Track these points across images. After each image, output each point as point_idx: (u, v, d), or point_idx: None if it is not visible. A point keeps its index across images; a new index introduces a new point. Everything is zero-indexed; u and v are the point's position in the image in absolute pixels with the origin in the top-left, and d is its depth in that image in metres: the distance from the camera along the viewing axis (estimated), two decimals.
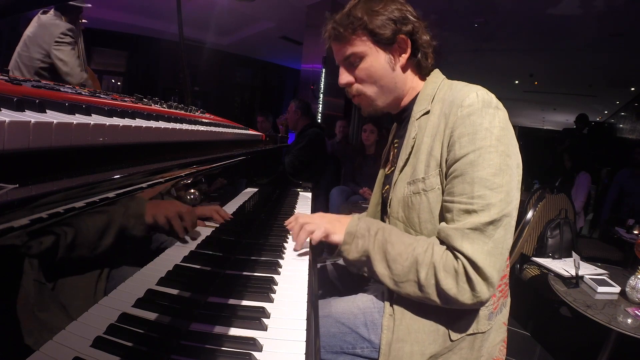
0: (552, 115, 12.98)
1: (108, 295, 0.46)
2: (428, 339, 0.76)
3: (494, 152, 0.70)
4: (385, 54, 0.85)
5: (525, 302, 2.34)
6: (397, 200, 0.85)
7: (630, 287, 1.55)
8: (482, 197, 0.69)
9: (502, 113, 0.75)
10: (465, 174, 0.71)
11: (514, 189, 0.72)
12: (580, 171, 3.62)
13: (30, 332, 0.34)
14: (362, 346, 0.82)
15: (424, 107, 0.84)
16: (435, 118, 0.81)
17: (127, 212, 0.49)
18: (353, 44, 0.85)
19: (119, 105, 0.69)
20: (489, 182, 0.69)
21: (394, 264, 0.74)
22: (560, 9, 4.64)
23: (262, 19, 6.45)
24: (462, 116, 0.73)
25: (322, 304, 0.86)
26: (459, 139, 0.73)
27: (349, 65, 0.88)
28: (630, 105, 8.66)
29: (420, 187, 0.79)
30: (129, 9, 6.21)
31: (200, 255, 0.70)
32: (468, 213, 0.70)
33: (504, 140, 0.72)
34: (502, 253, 0.70)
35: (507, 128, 0.74)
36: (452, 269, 0.69)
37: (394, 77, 0.87)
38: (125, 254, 0.49)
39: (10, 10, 0.59)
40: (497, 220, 0.69)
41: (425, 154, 0.80)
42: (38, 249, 0.34)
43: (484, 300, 0.70)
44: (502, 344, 0.87)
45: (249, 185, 1.14)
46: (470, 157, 0.71)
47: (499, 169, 0.70)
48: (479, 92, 0.75)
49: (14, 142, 0.35)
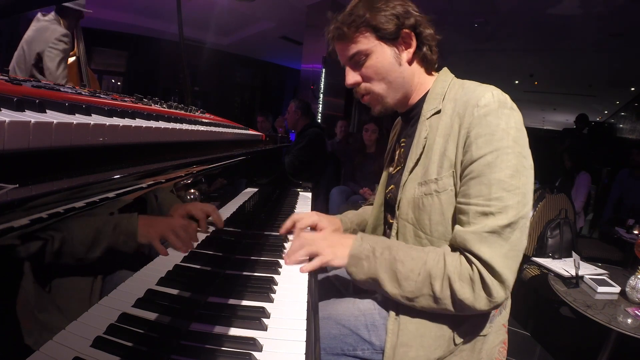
0: (552, 115, 12.99)
1: (108, 295, 0.46)
2: (434, 344, 0.75)
3: (511, 153, 0.69)
4: (390, 49, 0.83)
5: (525, 302, 2.34)
6: (407, 201, 0.83)
7: (630, 287, 1.55)
8: (500, 199, 0.68)
9: (517, 114, 0.74)
10: (482, 176, 0.70)
11: (529, 190, 0.71)
12: (580, 171, 3.62)
13: (30, 332, 0.34)
14: (362, 348, 0.81)
15: (434, 106, 0.83)
16: (447, 118, 0.79)
17: (128, 214, 0.49)
18: (357, 42, 0.83)
19: (119, 105, 0.69)
20: (506, 184, 0.68)
21: (405, 282, 0.72)
22: (560, 9, 4.65)
23: (262, 19, 6.46)
24: (479, 116, 0.72)
25: (323, 306, 0.86)
26: (475, 140, 0.71)
27: (355, 65, 0.86)
28: (630, 105, 8.67)
29: (433, 188, 0.78)
30: (129, 9, 6.22)
31: (200, 255, 0.70)
32: (485, 215, 0.68)
33: (520, 141, 0.71)
34: (518, 255, 0.69)
35: (522, 129, 0.73)
36: (467, 278, 0.68)
37: (402, 72, 0.85)
38: (125, 254, 0.49)
39: (10, 10, 0.59)
40: (514, 222, 0.68)
41: (438, 154, 0.78)
42: (38, 249, 0.34)
43: (500, 304, 0.69)
44: (501, 345, 0.87)
45: (249, 185, 1.14)
46: (488, 159, 0.70)
47: (515, 171, 0.69)
48: (494, 92, 0.74)
49: (14, 142, 0.35)
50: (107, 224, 0.45)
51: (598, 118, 11.48)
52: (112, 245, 0.45)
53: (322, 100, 5.88)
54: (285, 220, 1.02)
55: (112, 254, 0.46)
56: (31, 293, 0.34)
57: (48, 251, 0.36)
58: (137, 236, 0.51)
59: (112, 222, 0.46)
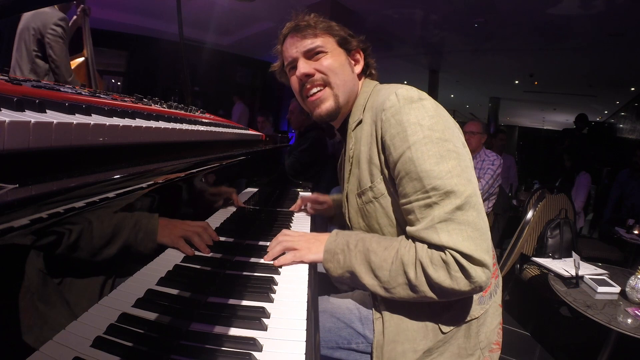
0: (552, 115, 12.98)
1: (108, 295, 0.46)
2: (418, 335, 0.76)
3: (429, 142, 0.70)
4: (345, 57, 0.91)
5: (525, 302, 2.34)
6: (354, 211, 0.87)
7: (630, 287, 1.55)
8: (435, 187, 0.68)
9: (427, 102, 0.75)
10: (410, 172, 0.71)
11: (467, 168, 0.71)
12: (581, 171, 3.62)
13: (30, 333, 0.34)
14: (357, 341, 0.82)
15: (357, 118, 0.87)
16: (367, 126, 0.83)
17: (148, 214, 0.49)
18: (320, 39, 0.88)
19: (119, 105, 0.69)
20: (435, 172, 0.68)
21: (380, 272, 0.73)
22: (560, 9, 4.64)
23: (262, 19, 6.45)
24: (387, 118, 0.74)
25: (319, 300, 0.86)
26: (391, 141, 0.73)
27: (310, 57, 0.89)
28: (630, 105, 8.66)
29: (370, 195, 0.81)
30: (129, 9, 6.21)
31: (200, 256, 0.70)
32: (430, 207, 0.68)
33: (437, 127, 0.72)
34: (483, 233, 0.68)
35: (438, 114, 0.74)
36: (440, 261, 0.67)
37: (352, 78, 0.91)
38: (125, 254, 0.49)
39: (11, 10, 0.59)
40: (463, 204, 0.67)
41: (366, 162, 0.81)
42: (37, 249, 0.34)
43: (484, 284, 0.67)
44: (499, 327, 0.87)
45: (249, 185, 1.14)
46: (408, 155, 0.71)
47: (440, 157, 0.69)
48: (397, 91, 0.76)
49: (14, 142, 0.35)
50: (125, 222, 0.45)
51: (598, 118, 11.48)
52: (128, 243, 0.46)
53: None
54: (285, 220, 1.03)
55: (114, 247, 0.46)
56: (31, 293, 0.34)
57: (47, 251, 0.36)
58: (157, 236, 0.52)
59: (132, 220, 0.46)
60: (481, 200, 0.71)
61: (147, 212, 0.55)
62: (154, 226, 0.56)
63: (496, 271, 0.89)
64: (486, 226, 0.70)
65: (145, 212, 0.54)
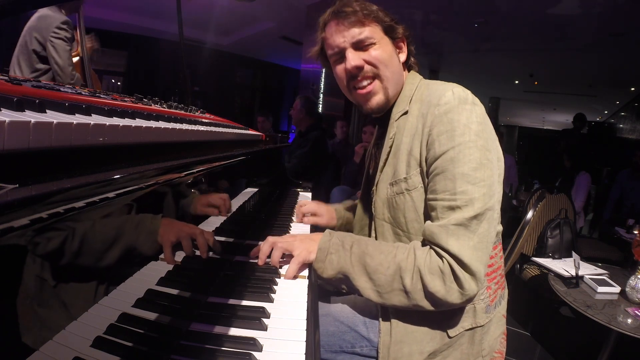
0: (552, 115, 12.97)
1: (108, 295, 0.46)
2: (425, 337, 0.76)
3: (474, 147, 0.71)
4: (392, 46, 0.87)
5: (525, 302, 2.34)
6: (382, 201, 0.85)
7: (630, 287, 1.55)
8: (465, 192, 0.69)
9: (479, 108, 0.75)
10: (446, 171, 0.71)
11: (495, 182, 0.73)
12: (580, 171, 3.62)
13: (30, 333, 0.34)
14: (361, 345, 0.82)
15: (402, 108, 0.85)
16: (413, 118, 0.81)
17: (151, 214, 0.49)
18: (367, 28, 0.83)
19: (119, 105, 0.69)
20: (471, 177, 0.69)
21: (375, 275, 0.73)
22: (560, 9, 4.64)
23: (262, 19, 6.45)
24: (439, 114, 0.74)
25: (321, 304, 0.86)
26: (437, 137, 0.73)
27: (359, 49, 0.84)
28: (630, 105, 8.66)
29: (403, 187, 0.80)
30: (129, 9, 6.21)
31: (200, 256, 0.70)
32: (452, 209, 0.70)
33: (483, 134, 0.73)
34: (487, 247, 0.70)
35: (485, 122, 0.75)
36: (437, 270, 0.68)
37: (400, 69, 0.88)
38: (125, 254, 0.49)
39: (10, 10, 0.59)
40: (481, 214, 0.69)
41: (405, 153, 0.81)
42: (37, 249, 0.34)
43: (472, 297, 0.69)
44: (502, 337, 0.87)
45: (249, 185, 1.14)
46: (450, 154, 0.71)
47: (479, 164, 0.70)
48: (454, 89, 0.76)
49: (14, 142, 0.35)
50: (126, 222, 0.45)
51: (598, 118, 11.48)
52: (128, 243, 0.46)
53: (322, 100, 5.88)
54: (285, 220, 1.03)
55: (114, 248, 0.46)
56: (30, 293, 0.34)
57: (47, 252, 0.36)
58: (157, 236, 0.52)
59: (132, 220, 0.46)
60: (497, 216, 0.73)
61: (147, 212, 0.55)
62: (155, 226, 0.56)
63: (503, 283, 0.89)
64: (492, 242, 0.72)
65: (145, 212, 0.54)
